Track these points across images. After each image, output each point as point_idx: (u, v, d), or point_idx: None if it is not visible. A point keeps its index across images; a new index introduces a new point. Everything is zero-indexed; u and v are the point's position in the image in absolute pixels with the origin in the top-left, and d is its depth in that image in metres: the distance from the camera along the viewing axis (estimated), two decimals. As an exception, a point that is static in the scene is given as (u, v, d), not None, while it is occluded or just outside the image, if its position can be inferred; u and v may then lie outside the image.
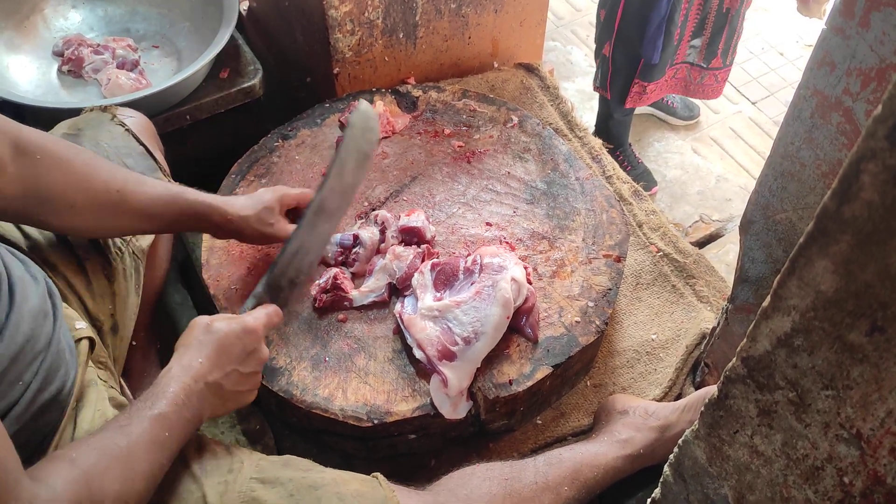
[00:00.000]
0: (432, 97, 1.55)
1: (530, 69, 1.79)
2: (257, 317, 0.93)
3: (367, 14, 1.52)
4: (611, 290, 1.23)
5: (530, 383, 1.12)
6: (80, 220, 0.94)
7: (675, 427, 1.15)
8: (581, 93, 2.54)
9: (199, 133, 1.66)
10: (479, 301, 1.11)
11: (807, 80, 0.85)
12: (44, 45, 1.72)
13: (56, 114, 1.38)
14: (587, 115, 2.41)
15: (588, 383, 1.31)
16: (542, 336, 1.17)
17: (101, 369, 0.98)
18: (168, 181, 1.20)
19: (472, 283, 1.14)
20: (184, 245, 1.57)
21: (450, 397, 1.09)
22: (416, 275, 1.18)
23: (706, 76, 2.04)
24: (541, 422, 1.26)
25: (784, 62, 2.67)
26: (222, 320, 0.89)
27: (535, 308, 1.17)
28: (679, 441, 0.71)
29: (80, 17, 1.80)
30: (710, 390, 1.05)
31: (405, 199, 1.37)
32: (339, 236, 1.26)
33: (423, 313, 1.13)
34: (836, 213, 0.43)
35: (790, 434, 0.56)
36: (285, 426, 1.26)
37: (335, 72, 1.59)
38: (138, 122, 1.24)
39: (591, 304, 1.21)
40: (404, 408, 1.09)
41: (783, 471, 0.59)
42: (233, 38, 1.66)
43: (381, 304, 1.20)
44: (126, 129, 1.20)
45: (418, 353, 1.11)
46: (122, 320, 1.09)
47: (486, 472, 1.03)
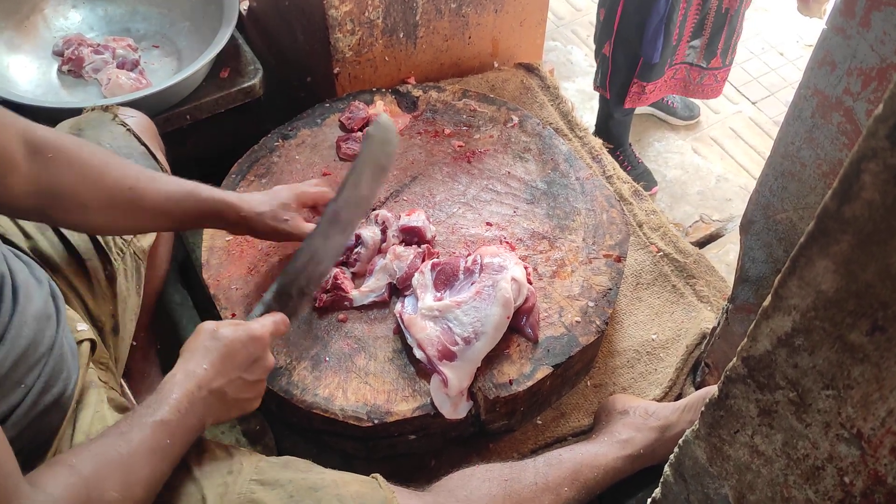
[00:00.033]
0: (432, 97, 1.55)
1: (530, 69, 1.79)
2: (264, 324, 0.92)
3: (367, 14, 1.52)
4: (611, 289, 1.23)
5: (530, 383, 1.12)
6: (94, 218, 0.93)
7: (676, 427, 1.15)
8: (581, 93, 2.54)
9: (200, 133, 1.66)
10: (480, 301, 1.11)
11: (807, 79, 0.85)
12: (44, 45, 1.72)
13: (56, 114, 1.38)
14: (587, 115, 2.41)
15: (588, 383, 1.31)
16: (543, 336, 1.17)
17: (101, 370, 0.98)
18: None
19: (472, 283, 1.14)
20: (184, 245, 1.57)
21: (450, 397, 1.09)
22: (416, 275, 1.18)
23: (705, 76, 2.04)
24: (541, 422, 1.26)
25: (784, 62, 2.67)
26: (229, 326, 0.88)
27: (535, 308, 1.17)
28: (679, 441, 0.71)
29: (81, 16, 1.80)
30: (711, 390, 1.05)
31: (405, 198, 1.37)
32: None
33: (423, 313, 1.13)
34: (836, 212, 0.43)
35: (791, 434, 0.56)
36: (285, 426, 1.26)
37: (335, 71, 1.59)
38: (140, 122, 1.24)
39: (591, 303, 1.21)
40: (404, 408, 1.09)
41: (784, 470, 0.59)
42: (233, 37, 1.66)
43: (381, 304, 1.20)
44: (127, 129, 1.20)
45: (418, 353, 1.11)
46: (123, 321, 1.09)
47: (486, 473, 1.03)
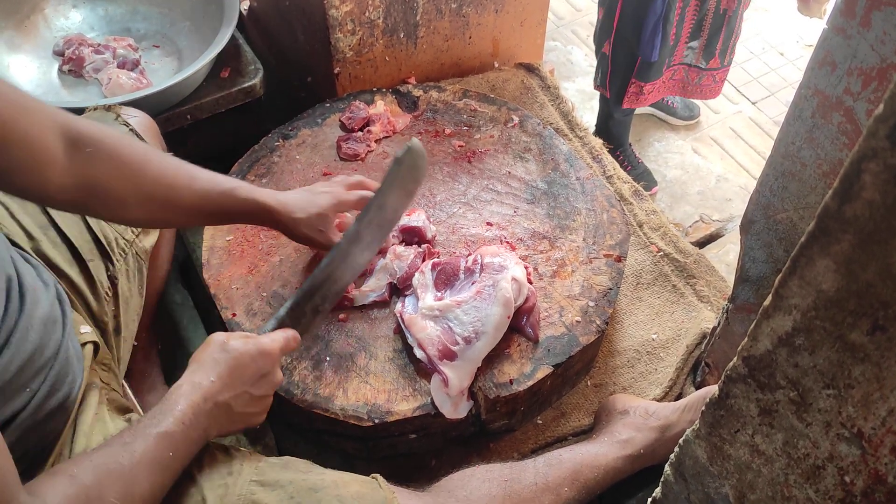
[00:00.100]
0: (433, 97, 1.55)
1: (531, 69, 1.79)
2: (275, 339, 0.91)
3: (367, 14, 1.52)
4: (611, 289, 1.23)
5: (531, 383, 1.12)
6: (130, 212, 0.93)
7: (676, 427, 1.15)
8: (581, 93, 2.54)
9: (200, 133, 1.66)
10: (480, 301, 1.11)
11: (808, 79, 0.85)
12: (44, 45, 1.72)
13: (57, 113, 1.38)
14: (587, 115, 2.41)
15: (588, 383, 1.31)
16: (543, 336, 1.17)
17: (104, 371, 0.98)
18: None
19: (472, 283, 1.14)
20: (184, 245, 1.57)
21: (450, 397, 1.09)
22: (416, 274, 1.18)
23: (704, 77, 2.03)
24: (541, 421, 1.26)
25: (784, 62, 2.67)
26: (239, 339, 0.88)
27: (535, 308, 1.17)
28: (680, 440, 0.71)
29: (81, 16, 1.80)
30: (711, 390, 1.05)
31: (406, 198, 1.37)
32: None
33: (423, 313, 1.13)
34: (837, 212, 0.43)
35: (791, 433, 0.56)
36: (286, 426, 1.26)
37: (336, 71, 1.59)
38: (142, 122, 1.23)
39: (591, 303, 1.21)
40: (405, 407, 1.09)
41: (784, 470, 0.59)
42: (233, 37, 1.66)
43: (381, 304, 1.21)
44: (130, 129, 1.19)
45: (419, 353, 1.11)
46: (125, 321, 1.09)
47: (486, 474, 1.03)
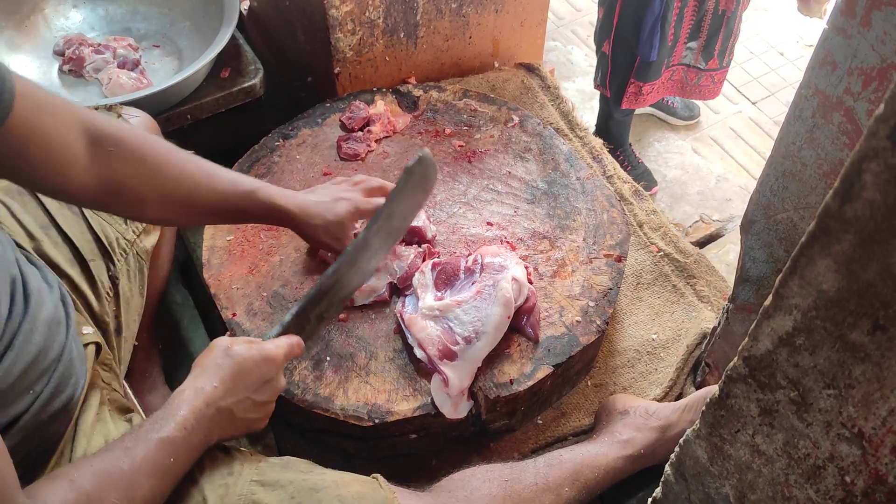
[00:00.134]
0: (433, 97, 1.55)
1: (531, 69, 1.79)
2: (279, 345, 0.91)
3: (367, 14, 1.52)
4: (611, 289, 1.23)
5: (531, 383, 1.12)
6: (150, 211, 0.94)
7: (676, 427, 1.15)
8: (581, 93, 2.54)
9: (200, 132, 1.66)
10: (480, 300, 1.11)
11: (808, 79, 0.85)
12: (44, 45, 1.72)
13: (57, 113, 1.38)
14: (587, 115, 2.41)
15: (589, 383, 1.31)
16: (543, 335, 1.17)
17: (105, 371, 0.98)
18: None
19: (472, 283, 1.14)
20: (185, 245, 1.57)
21: (451, 397, 1.09)
22: (416, 274, 1.18)
23: (703, 77, 2.03)
24: (541, 421, 1.26)
25: (784, 62, 2.67)
26: (243, 344, 0.88)
27: (535, 308, 1.17)
28: (680, 440, 0.71)
29: (81, 16, 1.80)
30: (711, 390, 1.05)
31: (406, 198, 1.37)
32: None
33: (423, 313, 1.13)
34: (838, 212, 0.43)
35: (792, 433, 0.56)
36: (286, 426, 1.26)
37: (336, 71, 1.59)
38: (144, 122, 1.23)
39: (591, 303, 1.21)
40: (405, 407, 1.09)
41: (785, 470, 0.59)
42: (233, 37, 1.66)
43: (381, 304, 1.20)
44: None
45: (419, 353, 1.11)
46: (126, 321, 1.09)
47: (487, 474, 1.03)
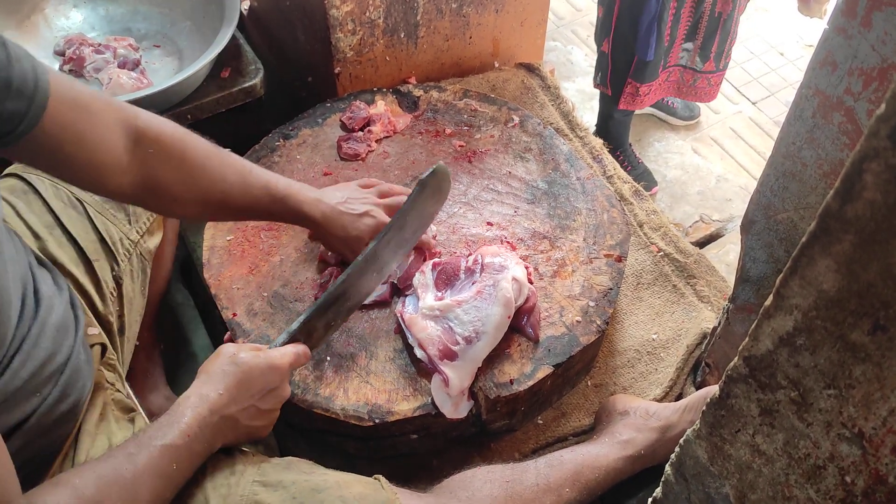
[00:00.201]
0: (433, 97, 1.55)
1: (531, 69, 1.79)
2: (285, 353, 0.91)
3: (368, 14, 1.52)
4: (612, 289, 1.23)
5: (531, 383, 1.12)
6: (184, 209, 0.97)
7: (676, 427, 1.15)
8: (582, 93, 2.54)
9: (201, 132, 1.63)
10: (481, 300, 1.11)
11: (808, 79, 0.85)
12: (45, 45, 1.72)
13: (57, 113, 1.38)
14: (588, 115, 2.41)
15: (589, 383, 1.31)
16: (543, 336, 1.17)
17: (109, 372, 0.98)
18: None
19: (473, 283, 1.14)
20: (185, 245, 1.57)
21: (451, 397, 1.09)
22: (417, 274, 1.18)
23: (699, 79, 2.03)
24: (542, 422, 1.26)
25: (784, 62, 2.67)
26: (249, 352, 0.88)
27: (536, 308, 1.17)
28: (680, 441, 0.71)
29: (82, 16, 1.80)
30: (711, 390, 1.05)
31: (406, 198, 1.37)
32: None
33: (424, 313, 1.13)
34: (838, 212, 0.43)
35: (792, 433, 0.56)
36: (288, 426, 1.26)
37: (336, 71, 1.59)
38: None
39: (591, 303, 1.21)
40: (405, 407, 1.09)
41: (785, 470, 0.59)
42: (234, 37, 1.66)
43: (382, 304, 1.21)
44: None
45: (419, 353, 1.11)
46: (129, 322, 1.09)
47: (488, 475, 1.03)
